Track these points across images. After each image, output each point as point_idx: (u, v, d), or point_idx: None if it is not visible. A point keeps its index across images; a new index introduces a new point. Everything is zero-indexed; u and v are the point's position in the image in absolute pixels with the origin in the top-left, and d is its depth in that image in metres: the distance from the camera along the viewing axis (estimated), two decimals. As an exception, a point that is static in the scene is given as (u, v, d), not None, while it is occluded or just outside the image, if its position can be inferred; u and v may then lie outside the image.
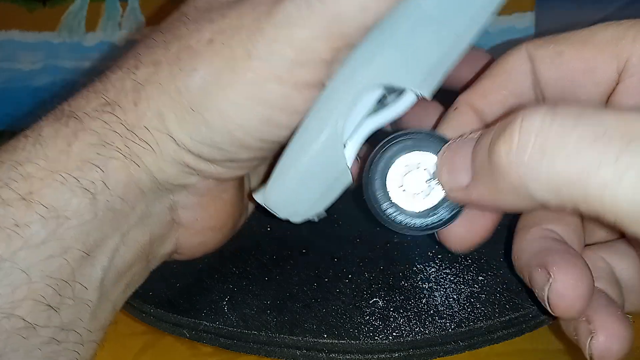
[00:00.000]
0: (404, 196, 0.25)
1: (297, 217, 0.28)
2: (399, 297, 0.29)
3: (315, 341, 0.27)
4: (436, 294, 0.29)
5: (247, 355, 0.29)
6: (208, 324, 0.28)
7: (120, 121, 0.25)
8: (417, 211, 0.24)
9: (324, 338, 0.27)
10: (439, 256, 0.31)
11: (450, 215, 0.24)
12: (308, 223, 0.29)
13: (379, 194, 0.25)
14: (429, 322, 0.27)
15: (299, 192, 0.27)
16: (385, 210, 0.25)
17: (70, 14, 0.54)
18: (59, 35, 0.54)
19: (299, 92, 0.24)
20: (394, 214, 0.25)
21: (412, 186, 0.24)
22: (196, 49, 0.25)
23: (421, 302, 0.28)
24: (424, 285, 0.29)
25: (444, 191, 0.23)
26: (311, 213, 0.27)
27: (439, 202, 0.24)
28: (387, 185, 0.25)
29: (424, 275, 0.30)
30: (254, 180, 0.33)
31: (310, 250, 0.32)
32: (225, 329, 0.28)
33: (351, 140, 0.26)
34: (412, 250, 0.32)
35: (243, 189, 0.32)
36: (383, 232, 0.33)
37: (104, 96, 0.25)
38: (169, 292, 0.30)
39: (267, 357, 0.28)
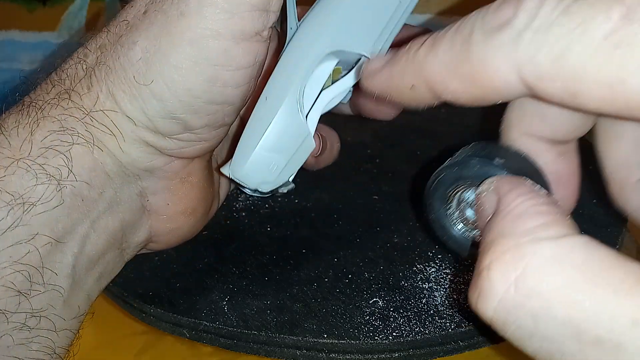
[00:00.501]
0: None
1: (265, 186, 0.29)
2: (399, 297, 0.29)
3: (315, 341, 0.27)
4: (436, 294, 0.29)
5: (247, 355, 0.29)
6: (208, 324, 0.28)
7: (78, 106, 0.25)
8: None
9: (324, 338, 0.27)
10: (439, 256, 0.31)
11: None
12: (308, 223, 0.29)
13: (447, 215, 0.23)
14: (429, 322, 0.27)
15: (264, 162, 0.28)
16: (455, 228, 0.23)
17: (70, 14, 0.54)
18: (59, 35, 0.54)
19: (238, 46, 0.25)
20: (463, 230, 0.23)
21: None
22: (133, 23, 0.25)
23: (421, 302, 0.28)
24: (424, 285, 0.29)
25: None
26: (279, 182, 0.29)
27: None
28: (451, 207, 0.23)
29: (424, 275, 0.30)
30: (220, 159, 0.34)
31: (310, 250, 0.32)
32: (225, 329, 0.28)
33: (312, 110, 0.28)
34: (412, 250, 0.32)
35: (212, 174, 0.32)
36: (383, 232, 0.33)
37: (60, 84, 0.26)
38: (169, 292, 0.30)
39: (267, 357, 0.28)
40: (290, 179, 0.29)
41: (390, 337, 0.27)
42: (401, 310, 0.28)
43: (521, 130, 0.21)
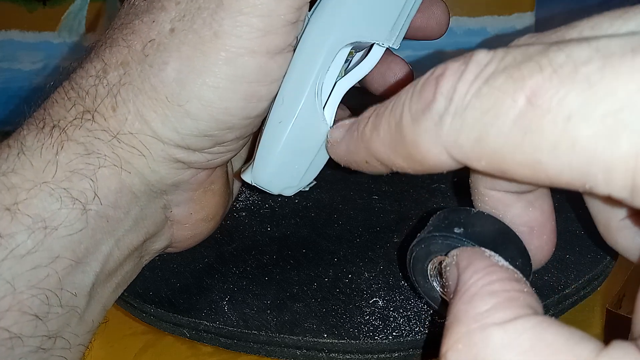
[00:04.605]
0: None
1: (289, 191, 0.28)
2: (399, 297, 0.29)
3: (315, 341, 0.27)
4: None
5: (247, 355, 0.29)
6: (208, 324, 0.28)
7: (103, 129, 0.25)
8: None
9: (324, 338, 0.27)
10: (439, 256, 0.31)
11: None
12: (308, 223, 0.28)
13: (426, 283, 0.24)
14: (429, 322, 0.27)
15: (287, 165, 0.27)
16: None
17: (70, 14, 0.54)
18: (59, 35, 0.54)
19: (273, 60, 0.24)
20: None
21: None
22: (160, 42, 0.24)
23: (421, 302, 0.28)
24: (424, 285, 0.29)
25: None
26: (302, 184, 0.28)
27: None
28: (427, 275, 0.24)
29: (424, 275, 0.30)
30: (236, 162, 0.33)
31: (310, 250, 0.32)
32: (225, 328, 0.28)
33: (328, 103, 0.27)
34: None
35: (227, 175, 0.32)
36: (383, 232, 0.33)
37: (80, 103, 0.25)
38: (169, 292, 0.30)
39: (267, 357, 0.28)
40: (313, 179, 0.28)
41: (390, 337, 0.27)
42: (401, 310, 0.28)
43: (487, 186, 0.21)
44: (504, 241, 0.21)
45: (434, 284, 0.23)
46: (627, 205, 0.15)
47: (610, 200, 0.14)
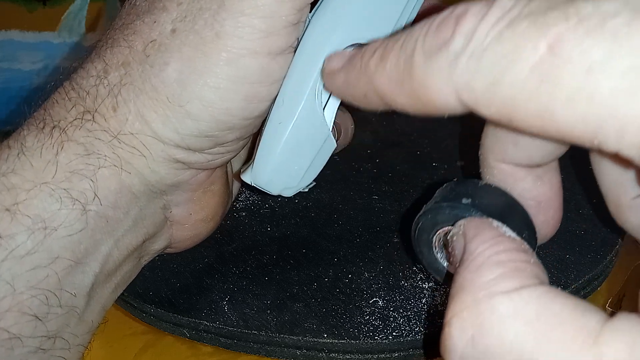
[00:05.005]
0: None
1: (289, 191, 0.28)
2: (399, 297, 0.29)
3: (315, 341, 0.27)
4: (436, 293, 0.29)
5: (247, 355, 0.29)
6: (208, 324, 0.28)
7: (103, 129, 0.25)
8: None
9: (324, 338, 0.27)
10: (439, 256, 0.31)
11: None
12: (308, 223, 0.28)
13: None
14: (429, 322, 0.27)
15: (287, 165, 0.27)
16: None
17: (70, 14, 0.54)
18: (59, 35, 0.54)
19: (274, 61, 0.24)
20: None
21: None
22: (161, 42, 0.24)
23: (421, 302, 0.28)
24: (424, 285, 0.29)
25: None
26: (302, 185, 0.28)
27: None
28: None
29: (424, 275, 0.30)
30: (235, 163, 0.33)
31: (310, 250, 0.32)
32: (225, 328, 0.28)
33: (328, 105, 0.27)
34: (412, 251, 0.31)
35: (227, 176, 0.32)
36: (383, 232, 0.33)
37: (80, 103, 0.25)
38: (169, 292, 0.30)
39: (267, 357, 0.28)
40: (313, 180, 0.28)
41: (390, 337, 0.27)
42: (401, 310, 0.28)
43: (497, 158, 0.21)
44: (511, 213, 0.21)
45: (439, 255, 0.23)
46: (634, 165, 0.15)
47: (617, 159, 0.14)
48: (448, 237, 0.21)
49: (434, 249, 0.23)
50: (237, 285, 0.30)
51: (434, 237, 0.23)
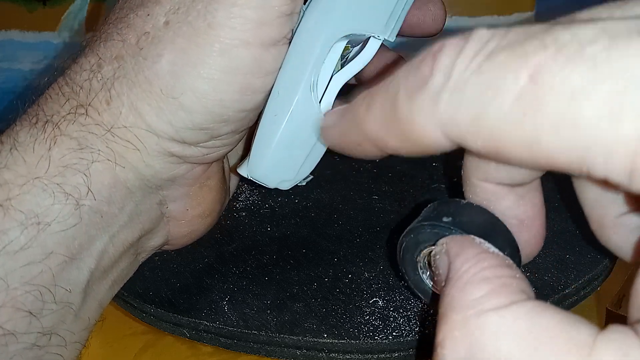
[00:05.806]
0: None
1: (286, 184, 0.27)
2: (399, 297, 0.29)
3: (315, 341, 0.27)
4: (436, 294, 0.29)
5: (247, 355, 0.29)
6: (208, 324, 0.28)
7: (97, 123, 0.25)
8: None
9: (324, 338, 0.27)
10: (439, 256, 0.31)
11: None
12: (308, 223, 0.28)
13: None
14: (429, 322, 0.27)
15: (284, 158, 0.27)
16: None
17: (70, 14, 0.54)
18: (59, 35, 0.54)
19: (267, 52, 0.24)
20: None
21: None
22: (154, 35, 0.24)
23: (421, 302, 0.28)
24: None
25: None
26: (299, 178, 0.27)
27: None
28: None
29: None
30: (232, 159, 0.33)
31: (310, 250, 0.32)
32: (225, 328, 0.28)
33: (324, 97, 0.26)
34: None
35: (224, 171, 0.32)
36: (383, 232, 0.33)
37: (73, 97, 0.25)
38: (169, 292, 0.30)
39: (267, 357, 0.28)
40: (309, 173, 0.28)
41: (390, 337, 0.27)
42: (401, 310, 0.28)
43: (479, 177, 0.21)
44: (492, 231, 0.21)
45: (423, 276, 0.23)
46: (623, 190, 0.15)
47: (606, 185, 0.14)
48: (431, 256, 0.21)
49: (419, 269, 0.23)
50: (237, 285, 0.30)
51: (418, 257, 0.23)
